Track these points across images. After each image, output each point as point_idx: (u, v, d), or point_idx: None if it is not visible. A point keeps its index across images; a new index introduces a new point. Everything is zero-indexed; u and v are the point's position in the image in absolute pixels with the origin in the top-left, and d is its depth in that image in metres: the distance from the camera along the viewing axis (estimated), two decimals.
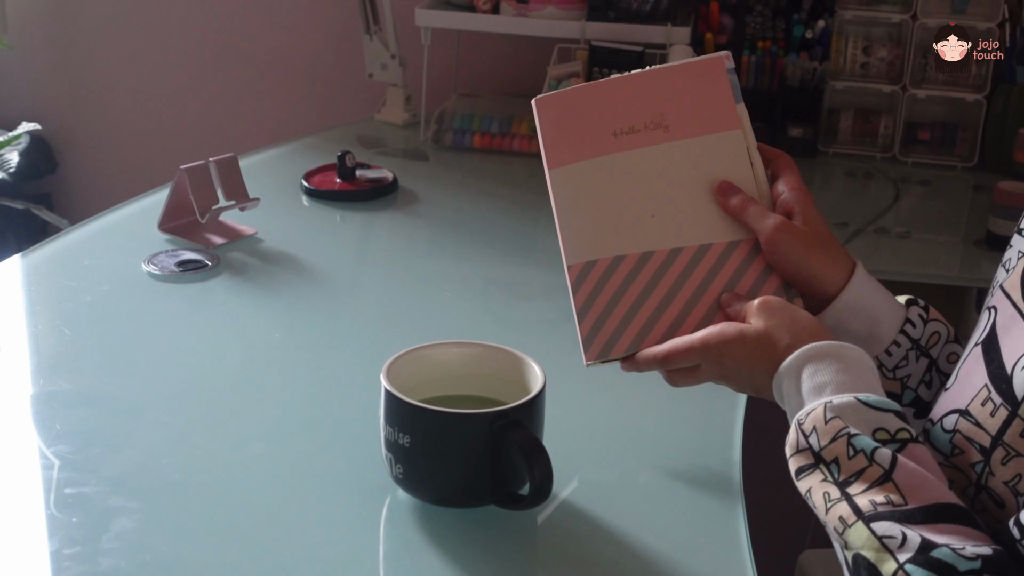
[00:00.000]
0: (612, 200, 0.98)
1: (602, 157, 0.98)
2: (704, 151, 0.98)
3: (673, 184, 0.98)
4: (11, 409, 1.17)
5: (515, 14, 2.08)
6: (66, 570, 0.93)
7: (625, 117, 0.99)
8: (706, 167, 0.98)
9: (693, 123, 0.99)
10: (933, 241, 1.93)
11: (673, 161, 0.98)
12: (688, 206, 0.97)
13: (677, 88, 0.99)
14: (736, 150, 0.99)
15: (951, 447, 0.86)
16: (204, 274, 1.49)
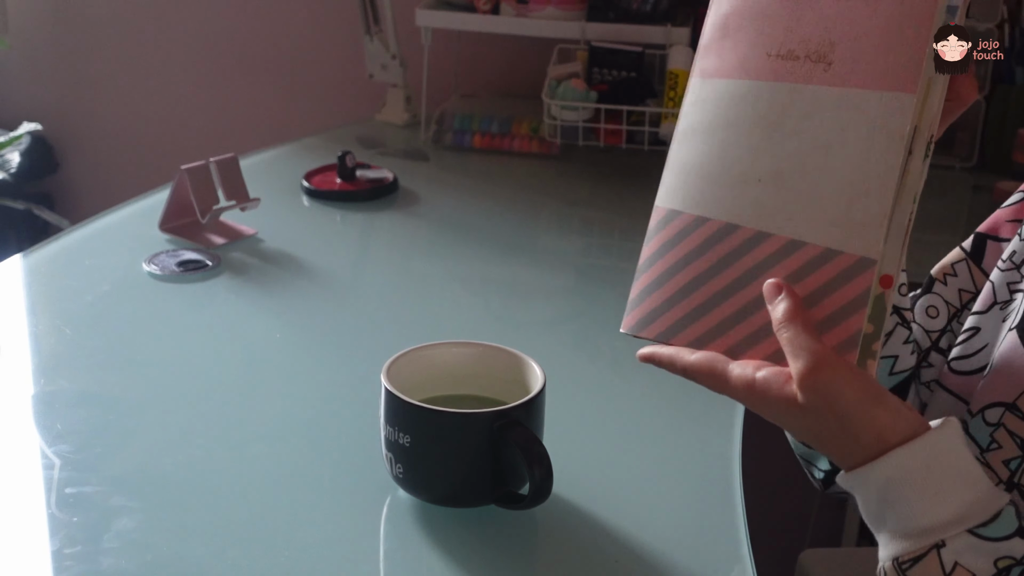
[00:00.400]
0: (733, 141, 0.78)
1: (748, 81, 0.78)
2: (860, 112, 0.72)
3: (801, 145, 0.75)
4: (12, 409, 1.17)
5: (515, 14, 2.08)
6: (67, 569, 0.93)
7: (790, 34, 0.76)
8: (850, 137, 0.73)
9: (863, 67, 0.73)
10: (932, 241, 1.92)
11: (815, 114, 0.74)
12: (802, 181, 0.74)
13: (864, 10, 0.74)
14: (893, 127, 0.71)
15: (990, 440, 0.82)
16: (205, 274, 1.50)
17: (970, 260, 0.93)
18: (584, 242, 1.83)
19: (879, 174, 0.71)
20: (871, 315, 0.71)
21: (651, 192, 0.92)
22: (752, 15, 0.78)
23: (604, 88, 2.01)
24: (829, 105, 0.74)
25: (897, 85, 0.72)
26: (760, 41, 0.77)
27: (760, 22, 0.77)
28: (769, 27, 0.77)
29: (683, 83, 1.99)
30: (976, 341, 0.89)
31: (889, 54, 0.72)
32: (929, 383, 0.95)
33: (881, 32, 0.72)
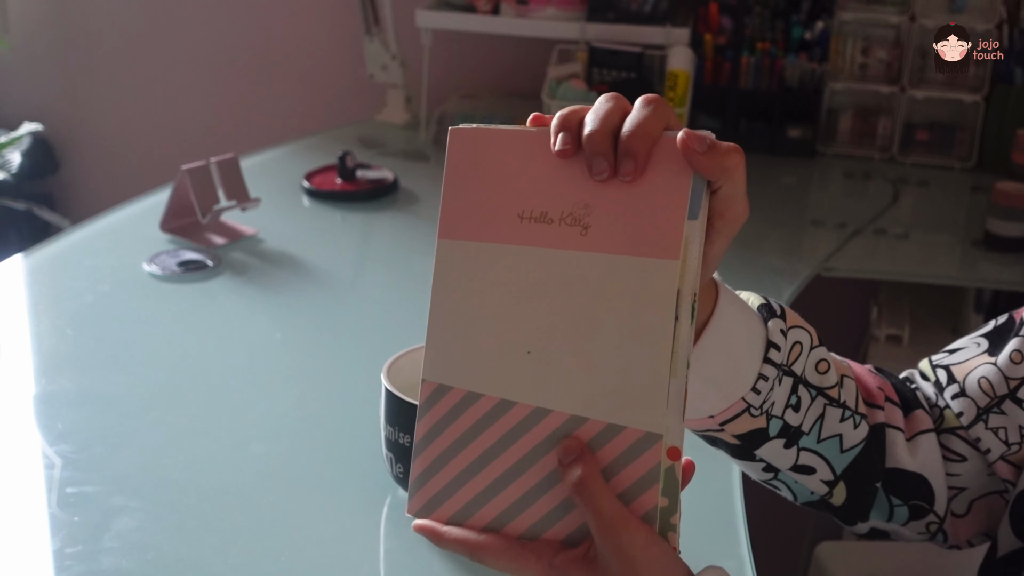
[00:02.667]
0: (494, 306, 0.70)
1: (498, 244, 0.70)
2: (621, 279, 0.67)
3: (565, 314, 0.68)
4: (13, 409, 1.18)
5: (515, 15, 2.08)
6: (68, 569, 0.94)
7: (542, 195, 0.69)
8: (614, 305, 0.67)
9: (621, 232, 0.67)
10: (931, 242, 1.93)
11: (574, 281, 0.68)
12: (572, 353, 0.68)
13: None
14: (659, 294, 0.66)
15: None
16: (205, 274, 1.50)
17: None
18: None
19: (650, 343, 0.66)
20: (664, 489, 0.67)
21: None
22: (501, 173, 0.70)
23: (604, 88, 2.01)
24: (589, 272, 0.68)
25: (658, 251, 0.66)
26: (510, 201, 0.70)
27: (511, 181, 0.70)
28: (520, 187, 0.70)
29: (683, 83, 2.00)
30: None
31: (648, 219, 0.66)
32: (998, 430, 0.88)
33: (639, 196, 0.67)
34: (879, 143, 2.19)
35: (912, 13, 2.12)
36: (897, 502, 0.89)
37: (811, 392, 0.84)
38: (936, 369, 0.93)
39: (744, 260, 1.73)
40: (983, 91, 2.11)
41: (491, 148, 0.71)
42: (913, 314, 2.00)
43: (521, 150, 0.70)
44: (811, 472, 0.86)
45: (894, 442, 0.88)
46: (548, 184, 0.69)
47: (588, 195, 0.68)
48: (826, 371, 0.84)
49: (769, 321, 0.81)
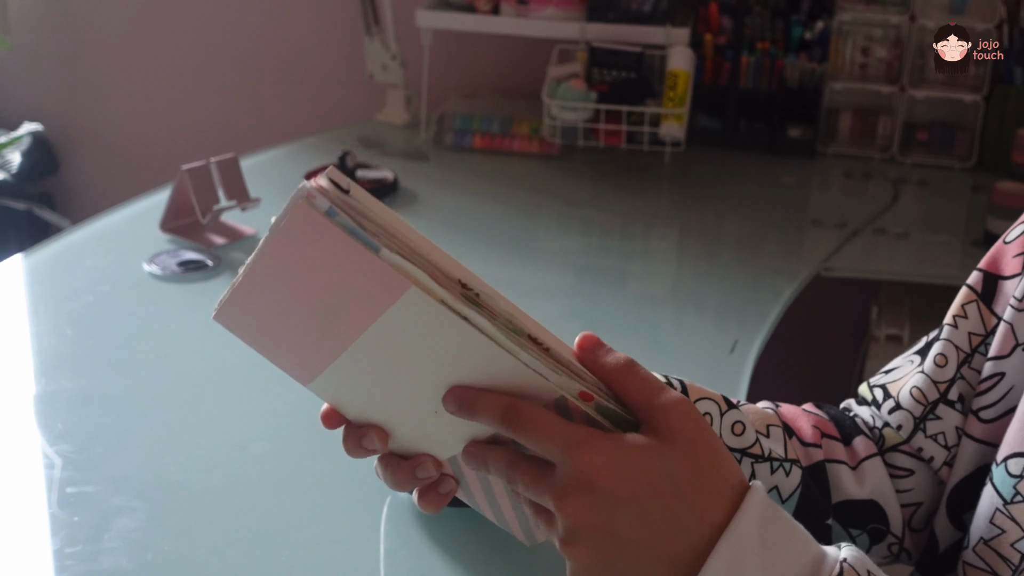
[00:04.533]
0: (380, 407, 0.73)
1: (330, 367, 0.71)
2: (403, 328, 0.65)
3: (408, 377, 0.69)
4: (13, 408, 1.18)
5: (515, 15, 2.08)
6: (68, 569, 0.94)
7: (302, 314, 0.68)
8: (421, 344, 0.67)
9: (360, 304, 0.65)
10: (932, 242, 1.93)
11: (384, 352, 0.68)
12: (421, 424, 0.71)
13: (295, 263, 0.67)
14: (434, 315, 0.64)
15: (1013, 492, 0.79)
16: (205, 274, 1.50)
17: (980, 301, 0.88)
18: (584, 242, 1.83)
19: (476, 352, 0.65)
20: (614, 423, 0.67)
21: (651, 192, 0.91)
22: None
23: (604, 88, 2.01)
24: (389, 338, 0.66)
25: (392, 291, 0.64)
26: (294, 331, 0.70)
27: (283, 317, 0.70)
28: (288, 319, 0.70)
29: (683, 83, 2.00)
30: (1001, 387, 0.85)
31: (350, 272, 0.64)
32: (937, 435, 0.89)
33: (316, 263, 0.66)
34: (879, 143, 2.19)
35: (912, 13, 2.12)
36: (856, 531, 0.90)
37: (735, 456, 0.84)
38: (873, 389, 0.94)
39: (744, 260, 1.73)
40: (983, 91, 2.11)
41: (245, 298, 0.69)
42: (913, 314, 2.00)
43: (256, 287, 0.68)
44: None
45: (839, 475, 0.89)
46: (286, 308, 0.68)
47: (309, 300, 0.67)
48: (742, 432, 0.84)
49: None
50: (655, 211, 1.95)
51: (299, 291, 0.67)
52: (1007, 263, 0.88)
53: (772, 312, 1.51)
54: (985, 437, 0.86)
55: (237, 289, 0.68)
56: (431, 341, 0.66)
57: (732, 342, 1.40)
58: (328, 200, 0.62)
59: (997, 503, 0.80)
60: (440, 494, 0.78)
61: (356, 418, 0.75)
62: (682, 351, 1.48)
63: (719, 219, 1.95)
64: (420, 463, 0.75)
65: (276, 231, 0.66)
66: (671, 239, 1.87)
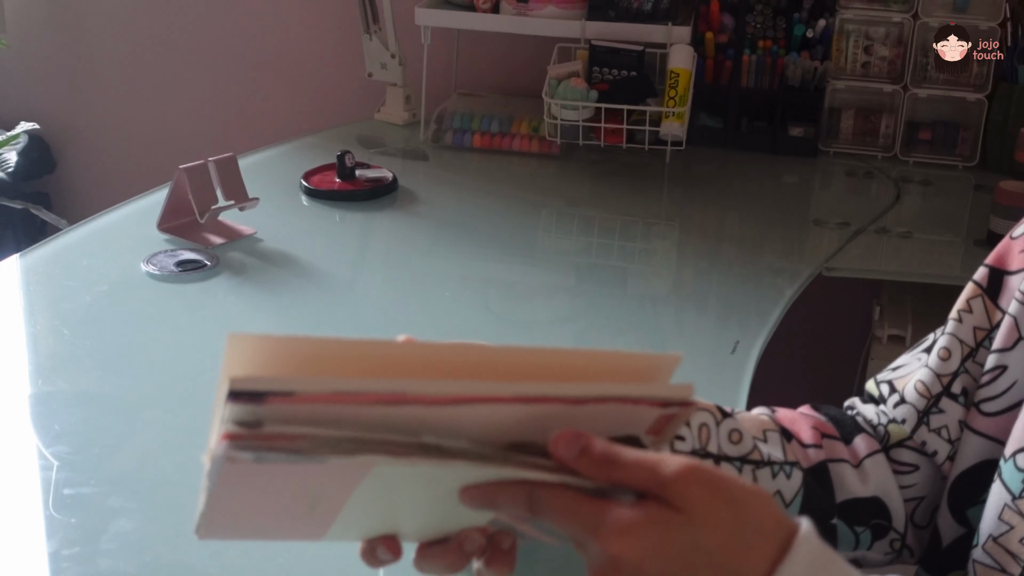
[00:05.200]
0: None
1: (332, 527, 0.70)
2: (380, 491, 0.65)
3: (408, 512, 0.69)
4: (10, 409, 1.17)
5: (515, 13, 2.07)
6: (65, 571, 0.93)
7: (284, 504, 0.66)
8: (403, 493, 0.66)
9: (335, 488, 0.64)
10: (934, 241, 1.93)
11: (371, 505, 0.67)
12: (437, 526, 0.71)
13: (251, 490, 0.63)
14: (409, 473, 0.62)
15: (1022, 487, 0.79)
16: (203, 274, 1.49)
17: (986, 296, 0.88)
18: (584, 242, 1.82)
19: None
20: None
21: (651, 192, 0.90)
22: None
23: (604, 87, 2.00)
24: (373, 490, 0.64)
25: (360, 474, 0.62)
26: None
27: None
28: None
29: (684, 82, 1.99)
30: (1004, 380, 0.85)
31: (334, 476, 0.62)
32: (940, 429, 0.89)
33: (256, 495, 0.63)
34: (881, 142, 2.18)
35: (915, 11, 2.12)
36: (860, 528, 0.90)
37: (735, 465, 0.85)
38: (880, 385, 0.95)
39: (745, 260, 1.72)
40: (986, 90, 2.10)
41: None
42: (916, 314, 1.99)
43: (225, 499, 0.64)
44: None
45: (841, 475, 0.90)
46: (275, 502, 0.65)
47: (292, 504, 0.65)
48: (739, 440, 0.85)
49: None
50: (656, 211, 1.94)
51: (268, 497, 0.64)
52: (1014, 258, 0.88)
53: (774, 312, 1.51)
54: (988, 431, 0.86)
55: (210, 507, 0.63)
56: (418, 483, 0.65)
57: (733, 342, 1.39)
58: (249, 447, 0.57)
59: (1006, 499, 0.79)
60: (504, 550, 0.72)
61: (384, 534, 0.73)
62: (683, 351, 1.46)
63: (720, 219, 1.95)
64: (466, 538, 0.71)
65: (217, 483, 0.60)
66: (672, 239, 1.86)
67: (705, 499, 0.62)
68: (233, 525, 0.68)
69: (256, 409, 0.58)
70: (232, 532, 0.71)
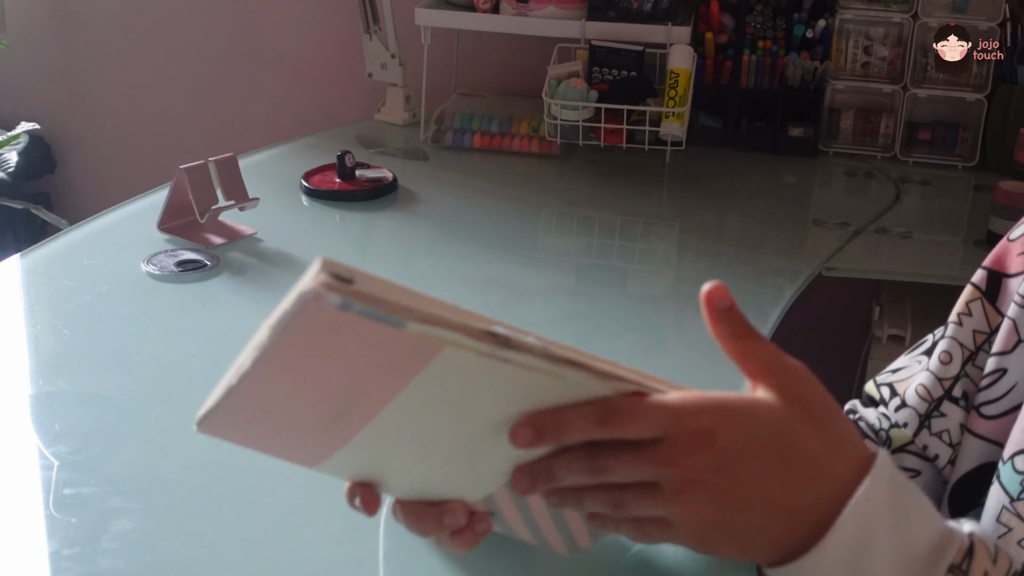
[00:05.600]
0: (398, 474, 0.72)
1: (337, 453, 0.71)
2: (429, 391, 0.64)
3: (434, 439, 0.69)
4: (10, 409, 1.17)
5: (515, 14, 2.07)
6: (65, 571, 0.93)
7: (309, 408, 0.67)
8: (450, 401, 0.66)
9: (387, 375, 0.64)
10: (934, 241, 1.93)
11: (413, 417, 0.67)
12: (466, 451, 0.69)
13: (306, 360, 0.65)
14: (471, 371, 0.63)
15: (1020, 489, 0.79)
16: (204, 274, 1.49)
17: (985, 299, 0.88)
18: (584, 242, 1.82)
19: (524, 386, 0.64)
20: None
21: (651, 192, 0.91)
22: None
23: (604, 87, 2.01)
24: (416, 399, 0.65)
25: (424, 357, 0.62)
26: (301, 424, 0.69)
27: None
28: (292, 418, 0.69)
29: (684, 82, 1.99)
30: (1004, 383, 0.85)
31: (376, 353, 0.62)
32: (941, 433, 0.90)
33: (336, 357, 0.64)
34: (881, 142, 2.18)
35: (915, 11, 2.12)
36: None
37: None
38: (880, 387, 0.95)
39: (745, 260, 1.72)
40: (986, 90, 2.10)
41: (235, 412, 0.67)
42: (916, 314, 1.99)
43: (253, 398, 0.67)
44: None
45: None
46: (299, 402, 0.67)
47: (329, 388, 0.65)
48: None
49: None
50: (655, 211, 1.94)
51: (307, 386, 0.64)
52: (1012, 261, 0.87)
53: (773, 312, 1.51)
54: (988, 434, 0.86)
55: (229, 398, 0.64)
56: (468, 392, 0.65)
57: None
58: (338, 294, 0.59)
59: (1004, 501, 0.79)
60: (476, 532, 0.73)
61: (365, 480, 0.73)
62: (682, 351, 1.47)
63: (720, 219, 1.95)
64: (449, 510, 0.72)
65: (282, 334, 0.63)
66: (671, 239, 1.86)
67: (810, 395, 0.66)
68: (239, 424, 0.68)
69: (350, 271, 0.59)
70: (233, 433, 0.70)
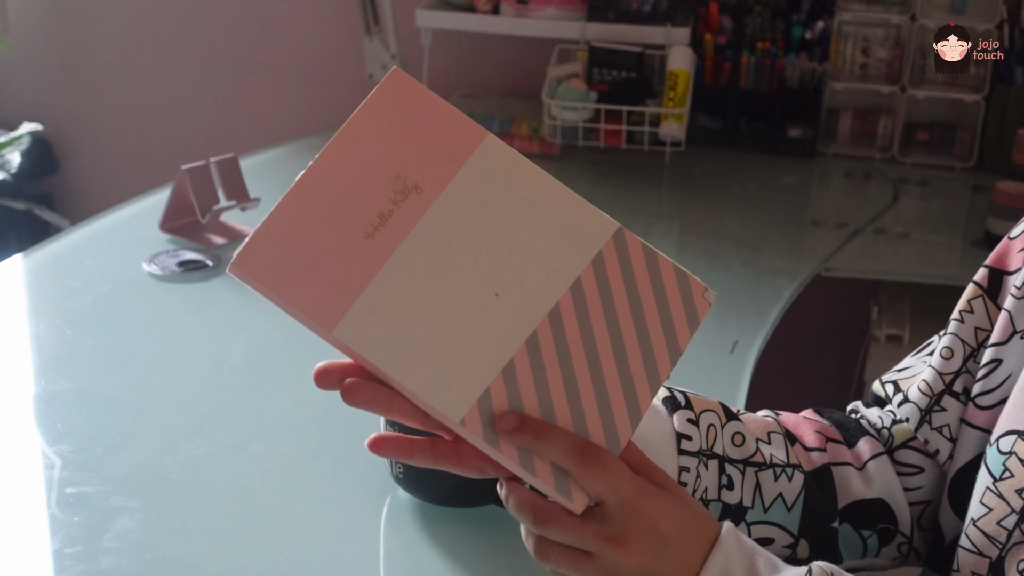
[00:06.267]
0: (429, 317, 0.72)
1: (377, 277, 0.71)
2: (474, 187, 0.71)
3: (474, 254, 0.71)
4: (13, 409, 1.17)
5: (515, 15, 2.08)
6: (68, 569, 0.94)
7: (359, 208, 0.70)
8: (492, 204, 0.71)
9: (440, 162, 0.71)
10: (932, 241, 1.93)
11: (456, 222, 0.71)
12: (506, 272, 0.72)
13: (383, 134, 0.70)
14: (505, 160, 0.72)
15: (1002, 469, 0.79)
16: (205, 274, 1.50)
17: (986, 297, 0.89)
18: None
19: (534, 199, 0.73)
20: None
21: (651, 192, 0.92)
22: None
23: (604, 88, 2.01)
24: (454, 206, 0.70)
25: (470, 144, 0.71)
26: (343, 239, 0.72)
27: (324, 232, 0.72)
28: (339, 221, 0.71)
29: (683, 83, 2.00)
30: (999, 373, 0.86)
31: (435, 131, 0.71)
32: (942, 428, 0.90)
33: (405, 129, 0.71)
34: (879, 143, 2.19)
35: (913, 13, 2.12)
36: (867, 532, 0.90)
37: (738, 467, 0.86)
38: (885, 385, 0.95)
39: (744, 260, 1.73)
40: (984, 91, 2.11)
41: (278, 232, 0.72)
42: (914, 314, 2.00)
43: (302, 205, 0.70)
44: (770, 543, 0.88)
45: (846, 477, 0.90)
46: (352, 197, 0.70)
47: (388, 169, 0.70)
48: (742, 443, 0.87)
49: (675, 414, 0.84)
50: (655, 211, 1.95)
51: (363, 177, 0.70)
52: (1012, 259, 0.88)
53: (772, 312, 1.51)
54: (984, 424, 0.87)
55: (279, 214, 0.70)
56: (499, 201, 0.72)
57: (732, 342, 1.39)
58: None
59: (987, 482, 0.80)
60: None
61: (383, 357, 0.75)
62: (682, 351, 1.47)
63: (719, 219, 1.95)
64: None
65: (362, 107, 0.70)
66: (671, 239, 1.87)
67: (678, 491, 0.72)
68: (276, 256, 0.73)
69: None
70: (264, 272, 0.74)
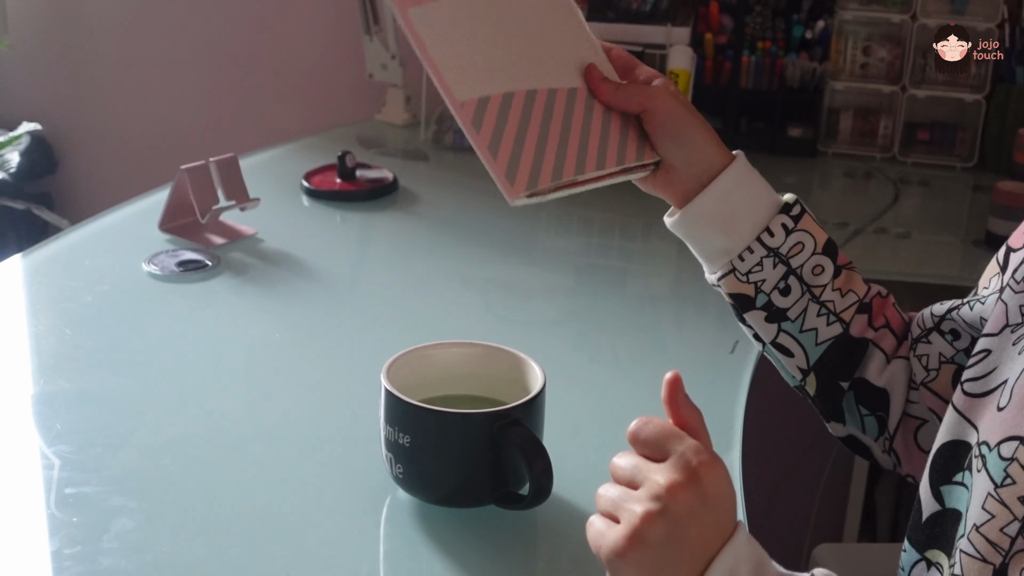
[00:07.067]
0: (478, 38, 0.94)
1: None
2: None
3: (524, 22, 0.97)
4: (12, 409, 1.17)
5: None
6: (67, 569, 0.93)
7: None
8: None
9: None
10: (932, 241, 1.93)
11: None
12: (544, 47, 0.97)
13: None
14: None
15: (1004, 475, 0.79)
16: (204, 274, 1.49)
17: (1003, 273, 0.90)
18: (584, 242, 1.83)
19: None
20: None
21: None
22: None
23: None
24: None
25: None
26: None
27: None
28: None
29: (683, 82, 1.99)
30: (986, 364, 0.86)
31: None
32: (921, 357, 0.98)
33: None
34: (880, 142, 2.19)
35: (913, 12, 2.12)
36: (865, 412, 1.01)
37: (803, 287, 0.99)
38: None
39: None
40: (984, 91, 2.11)
41: None
42: None
43: None
44: (790, 355, 1.01)
45: (871, 357, 1.01)
46: None
47: None
48: (820, 274, 0.99)
49: (779, 214, 0.99)
50: (655, 211, 1.94)
51: None
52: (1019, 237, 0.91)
53: None
54: (965, 411, 0.87)
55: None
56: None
57: (733, 342, 1.39)
58: None
59: (989, 488, 0.80)
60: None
61: (431, 45, 0.91)
62: (682, 351, 1.47)
63: None
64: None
65: None
66: (671, 239, 1.86)
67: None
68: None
69: None
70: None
